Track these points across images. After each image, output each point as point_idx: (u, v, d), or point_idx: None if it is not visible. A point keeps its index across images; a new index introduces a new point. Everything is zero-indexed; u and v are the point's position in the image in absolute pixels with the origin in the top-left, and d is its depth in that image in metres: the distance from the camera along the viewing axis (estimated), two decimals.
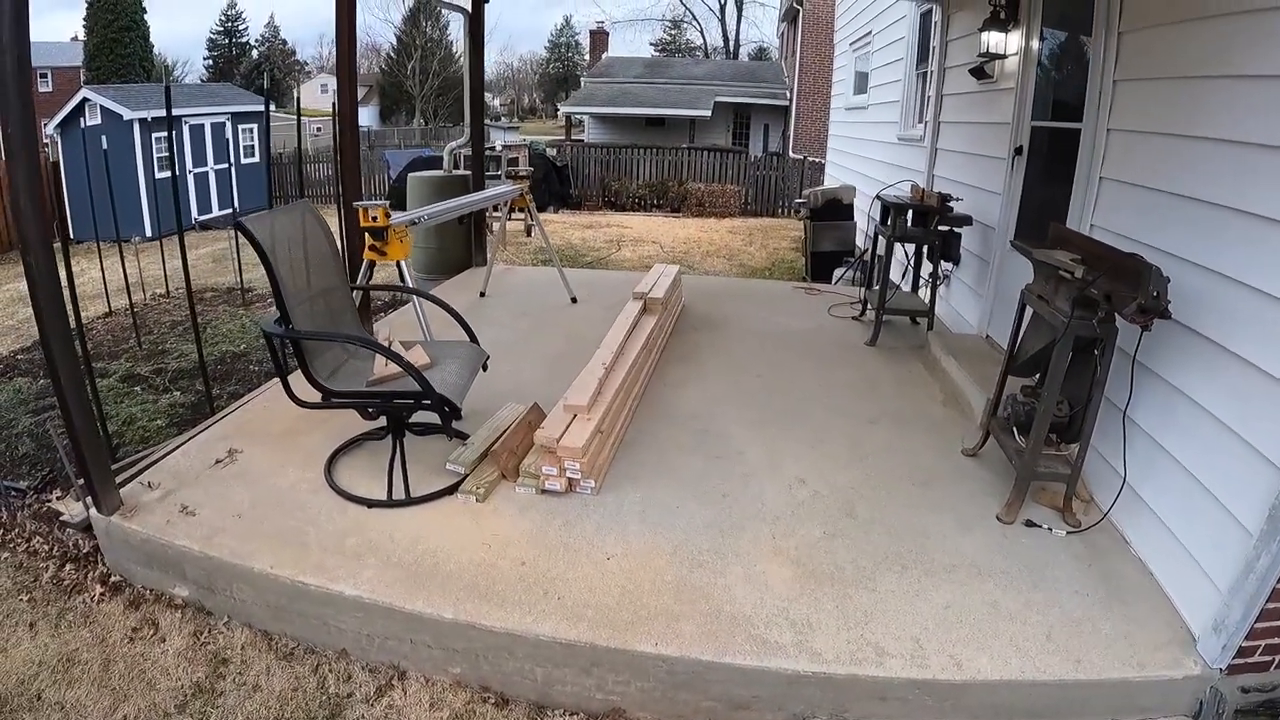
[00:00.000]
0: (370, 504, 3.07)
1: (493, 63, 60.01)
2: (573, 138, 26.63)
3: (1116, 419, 3.05)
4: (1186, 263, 2.77)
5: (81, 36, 30.01)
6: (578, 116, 27.57)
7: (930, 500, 3.32)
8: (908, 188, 5.91)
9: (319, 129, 24.53)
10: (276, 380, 4.44)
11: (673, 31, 47.59)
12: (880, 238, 5.71)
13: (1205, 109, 2.80)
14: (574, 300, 6.27)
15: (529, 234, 7.79)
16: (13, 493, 3.70)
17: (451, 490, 3.15)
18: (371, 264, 4.18)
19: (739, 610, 2.50)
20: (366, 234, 4.04)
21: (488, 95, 57.60)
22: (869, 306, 6.07)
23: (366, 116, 30.73)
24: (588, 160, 18.55)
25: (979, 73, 5.09)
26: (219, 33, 47.53)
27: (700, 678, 2.35)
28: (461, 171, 7.60)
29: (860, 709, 2.35)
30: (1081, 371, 3.08)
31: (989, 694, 2.34)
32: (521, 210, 6.17)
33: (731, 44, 43.59)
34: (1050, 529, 3.11)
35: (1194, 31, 2.92)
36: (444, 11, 42.45)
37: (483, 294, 6.35)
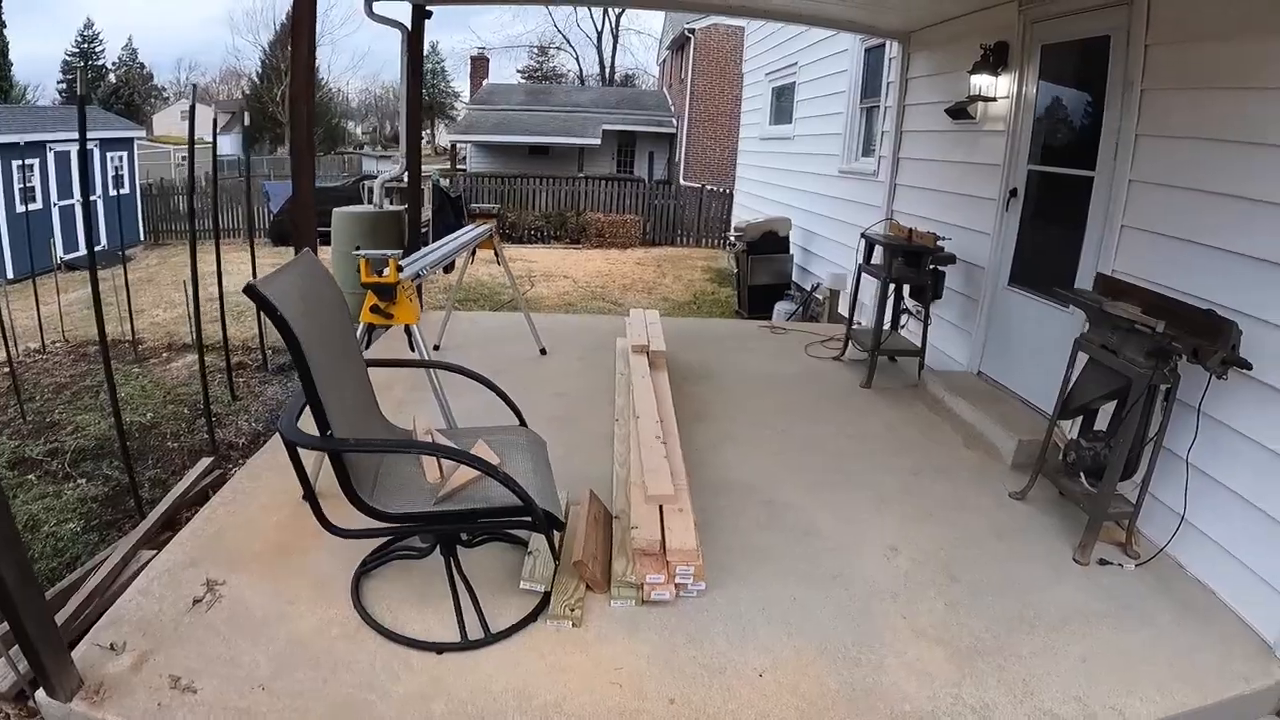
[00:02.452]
0: (441, 649, 2.63)
1: (356, 90, 59.23)
2: (457, 167, 26.47)
3: (1164, 458, 3.47)
4: (1233, 311, 3.18)
5: None
6: (460, 146, 27.51)
7: (1012, 551, 3.56)
8: (884, 225, 6.27)
9: (184, 157, 23.41)
10: (207, 462, 4.04)
11: (540, 58, 48.03)
12: (865, 276, 6.00)
13: (1251, 170, 3.22)
14: (543, 351, 6.18)
15: (448, 272, 7.61)
16: None
17: (534, 616, 2.82)
18: (370, 329, 3.82)
19: (919, 708, 2.56)
20: (370, 292, 3.64)
21: (349, 124, 55.75)
22: (850, 345, 6.36)
23: (229, 144, 29.56)
24: (482, 191, 18.54)
25: (959, 113, 5.48)
26: (74, 54, 44.33)
27: None
28: (395, 207, 7.35)
29: None
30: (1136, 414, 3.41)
31: None
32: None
33: (608, 71, 44.69)
34: (1120, 564, 3.48)
35: (1234, 99, 3.35)
36: (316, 35, 41.31)
37: (437, 347, 6.09)
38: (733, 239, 11.28)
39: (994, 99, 5.23)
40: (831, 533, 3.64)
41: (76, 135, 3.54)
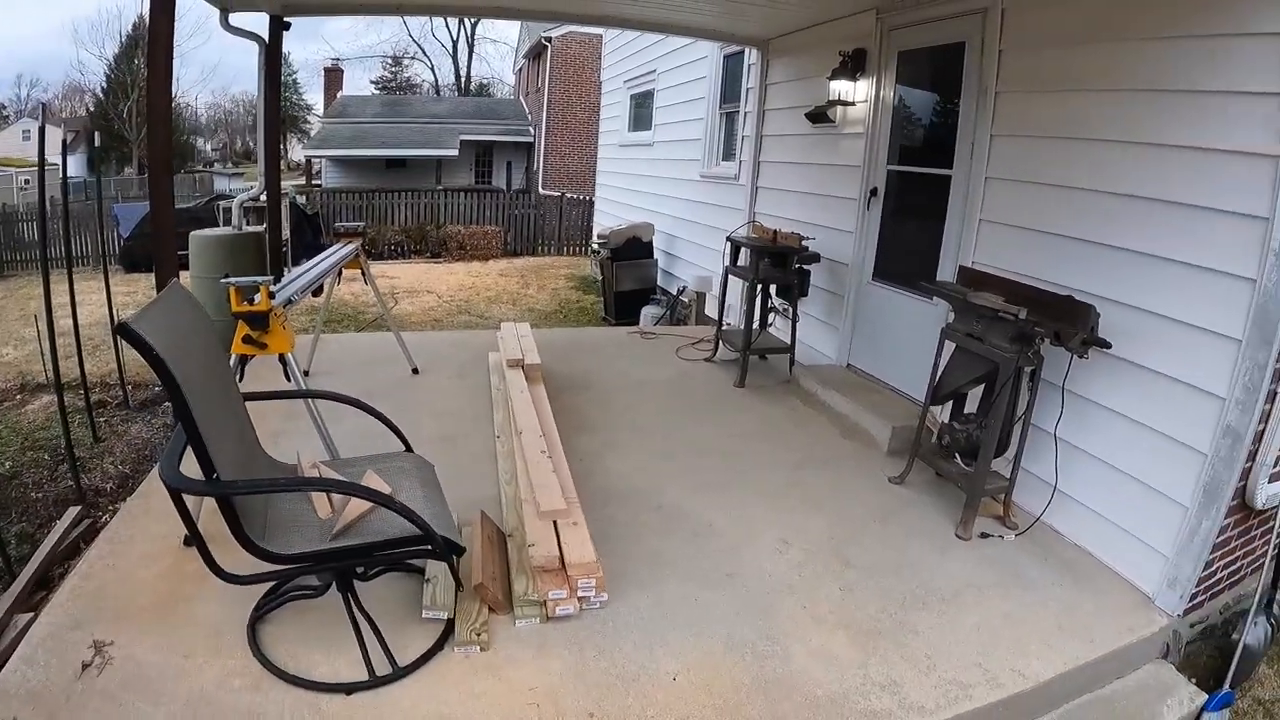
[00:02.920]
0: (350, 689, 2.50)
1: (206, 105, 55.73)
2: (312, 183, 25.40)
3: (1033, 434, 3.74)
4: (1091, 295, 3.46)
5: None
6: (315, 161, 26.48)
7: (898, 533, 3.73)
8: (747, 228, 6.42)
9: (27, 181, 21.05)
10: (75, 511, 3.77)
11: (394, 69, 46.65)
12: (731, 278, 6.12)
13: (1100, 165, 3.51)
14: (416, 371, 5.98)
15: (317, 295, 7.29)
16: None
17: (441, 644, 2.72)
18: (244, 361, 3.59)
19: (831, 691, 2.62)
20: (241, 322, 3.45)
21: (199, 140, 52.22)
22: (721, 346, 6.46)
23: (73, 165, 27.08)
24: (339, 207, 17.86)
25: (819, 117, 5.68)
26: None
27: None
28: (254, 228, 6.94)
29: None
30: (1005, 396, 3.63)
31: (1046, 691, 2.77)
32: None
33: (464, 81, 44.12)
34: (1001, 536, 3.73)
35: (1082, 100, 3.64)
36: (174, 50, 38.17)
37: (307, 372, 5.79)
38: (596, 246, 11.28)
39: (853, 103, 5.45)
40: (723, 531, 3.66)
41: None
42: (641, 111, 11.01)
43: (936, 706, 2.59)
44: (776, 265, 5.75)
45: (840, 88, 5.39)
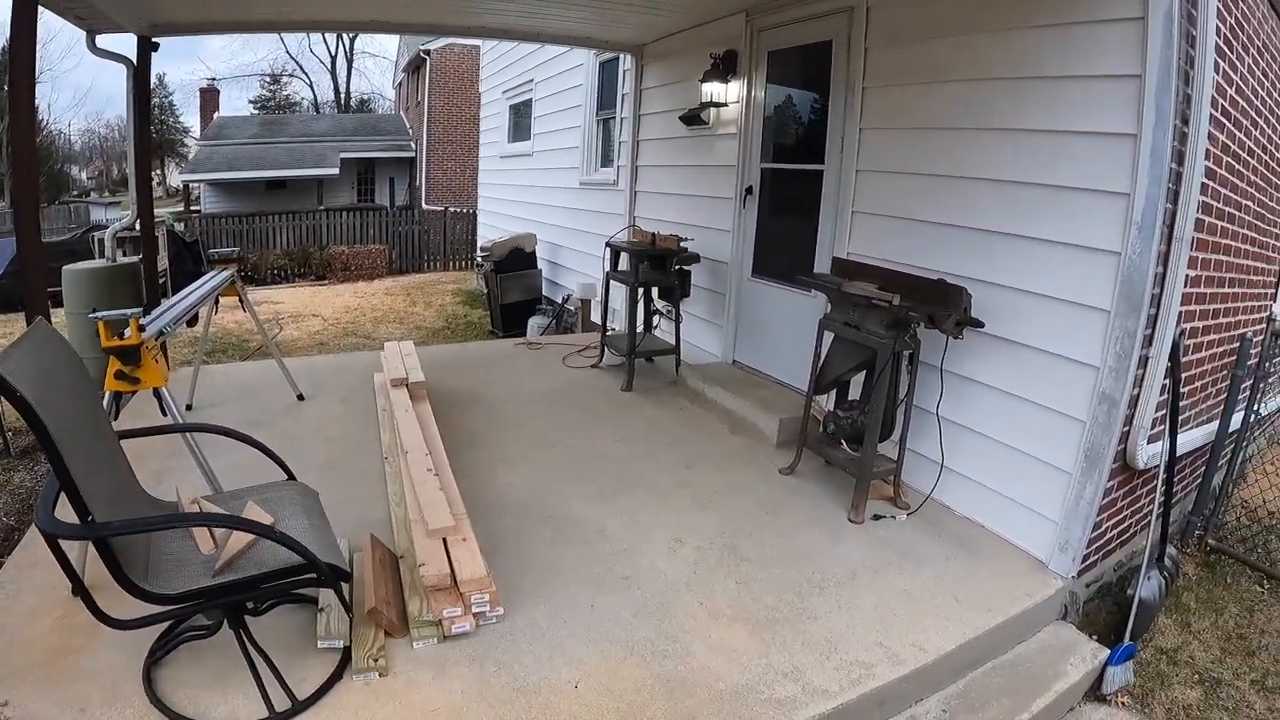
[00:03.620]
0: None
1: (79, 130, 51.46)
2: (192, 209, 24.09)
3: (917, 415, 3.83)
4: (963, 277, 3.55)
5: None
6: (193, 185, 25.14)
7: (791, 523, 3.71)
8: (628, 232, 6.37)
9: None
10: None
11: (273, 87, 44.57)
12: (613, 283, 6.05)
13: (961, 152, 3.61)
14: (301, 397, 5.65)
15: (191, 325, 6.85)
16: None
17: (339, 674, 2.59)
18: (118, 397, 3.38)
19: (734, 684, 2.56)
20: (112, 357, 3.26)
21: (73, 168, 48.22)
22: (606, 352, 6.37)
23: None
24: (220, 233, 16.98)
25: (692, 119, 5.68)
26: None
27: None
28: (129, 259, 6.46)
29: None
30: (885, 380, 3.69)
31: (948, 662, 2.81)
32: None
33: (344, 97, 42.71)
34: (893, 516, 3.78)
35: (942, 92, 3.74)
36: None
37: (189, 406, 5.41)
38: (480, 259, 11.05)
39: (725, 104, 5.48)
40: (617, 536, 3.56)
41: None
42: (521, 121, 10.84)
43: (840, 688, 2.56)
44: (656, 268, 5.70)
45: (712, 89, 5.41)
